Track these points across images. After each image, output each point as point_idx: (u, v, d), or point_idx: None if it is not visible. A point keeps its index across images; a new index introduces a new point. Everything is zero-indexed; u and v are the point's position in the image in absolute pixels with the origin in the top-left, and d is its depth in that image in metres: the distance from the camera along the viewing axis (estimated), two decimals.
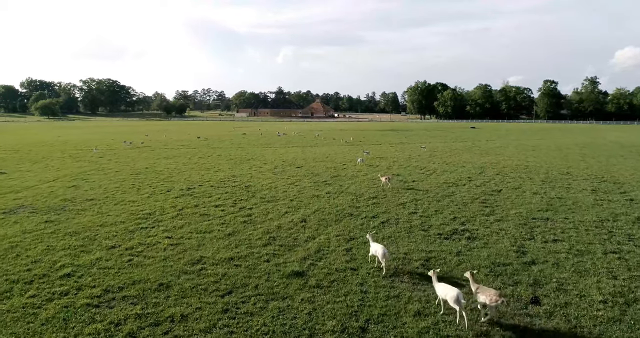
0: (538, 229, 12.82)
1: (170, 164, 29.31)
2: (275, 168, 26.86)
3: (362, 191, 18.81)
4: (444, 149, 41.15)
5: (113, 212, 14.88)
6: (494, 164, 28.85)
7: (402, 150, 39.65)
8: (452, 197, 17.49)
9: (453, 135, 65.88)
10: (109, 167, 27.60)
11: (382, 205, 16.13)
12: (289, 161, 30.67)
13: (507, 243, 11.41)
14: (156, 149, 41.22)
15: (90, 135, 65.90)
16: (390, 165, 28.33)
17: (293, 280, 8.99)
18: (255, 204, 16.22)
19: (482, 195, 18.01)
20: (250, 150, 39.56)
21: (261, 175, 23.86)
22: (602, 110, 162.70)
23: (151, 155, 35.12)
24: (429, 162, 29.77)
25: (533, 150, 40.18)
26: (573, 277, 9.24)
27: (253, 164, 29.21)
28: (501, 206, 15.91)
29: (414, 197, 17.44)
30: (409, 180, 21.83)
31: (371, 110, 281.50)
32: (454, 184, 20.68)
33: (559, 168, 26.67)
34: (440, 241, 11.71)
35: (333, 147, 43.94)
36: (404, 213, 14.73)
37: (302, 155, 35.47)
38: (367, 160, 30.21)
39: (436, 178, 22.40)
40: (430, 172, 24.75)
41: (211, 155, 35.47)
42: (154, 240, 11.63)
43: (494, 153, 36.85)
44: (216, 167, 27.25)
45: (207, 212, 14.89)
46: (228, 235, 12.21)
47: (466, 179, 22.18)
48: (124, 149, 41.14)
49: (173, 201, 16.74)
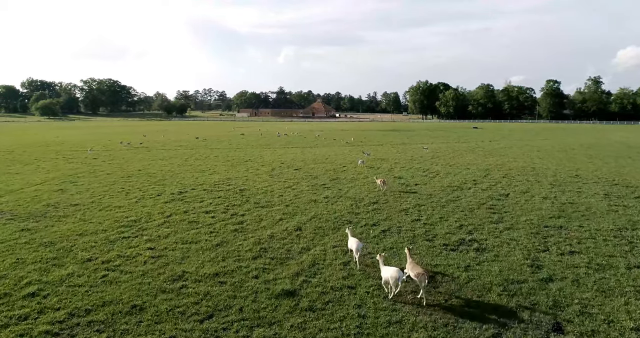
0: (552, 239, 11.83)
1: (165, 165, 28.39)
2: (273, 170, 25.91)
3: (362, 195, 17.84)
4: (447, 149, 40.17)
5: (96, 219, 13.94)
6: (499, 165, 27.85)
7: (403, 151, 38.68)
8: (458, 202, 16.51)
9: (455, 136, 64.87)
10: (101, 169, 26.69)
11: (383, 211, 15.16)
12: (287, 163, 29.73)
13: (519, 256, 10.43)
14: (153, 150, 40.32)
15: (88, 136, 65.06)
16: (391, 166, 27.36)
17: (283, 301, 8.03)
18: (249, 210, 15.26)
19: (489, 200, 17.03)
20: (248, 151, 38.63)
21: (257, 177, 22.92)
22: (605, 110, 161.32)
23: (147, 156, 34.21)
24: (431, 164, 28.79)
25: (538, 151, 39.16)
26: (597, 297, 8.25)
27: (250, 165, 28.27)
28: (510, 212, 14.92)
29: (417, 202, 16.46)
30: (411, 184, 20.86)
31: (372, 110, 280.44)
32: (458, 188, 19.70)
33: (567, 170, 25.66)
34: (446, 253, 10.73)
35: (333, 147, 42.99)
36: (406, 221, 13.75)
37: (302, 156, 34.52)
38: (367, 162, 29.24)
39: (440, 182, 21.42)
40: (434, 175, 23.77)
41: (208, 156, 34.55)
42: (135, 252, 10.68)
43: (499, 154, 35.85)
44: (212, 169, 26.31)
45: (196, 219, 13.94)
46: (216, 246, 11.25)
47: (471, 182, 21.20)
48: (120, 150, 40.25)
49: (162, 206, 15.79)
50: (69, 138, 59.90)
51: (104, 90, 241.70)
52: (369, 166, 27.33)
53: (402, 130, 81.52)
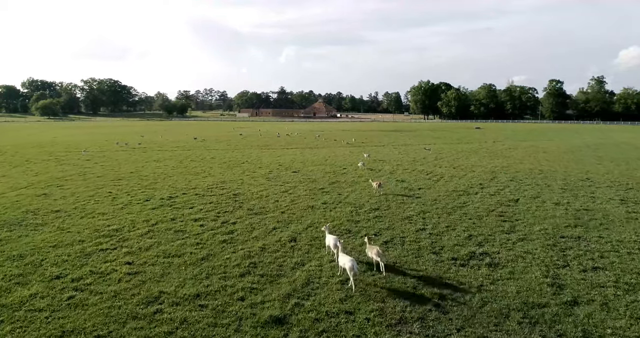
0: (571, 252, 10.76)
1: (158, 167, 27.38)
2: (270, 173, 24.87)
3: (363, 201, 16.79)
4: (450, 151, 39.09)
5: (75, 228, 12.91)
6: (506, 168, 26.77)
7: (406, 152, 37.61)
8: (465, 209, 15.45)
9: (458, 136, 63.78)
10: (92, 171, 25.68)
11: (385, 218, 14.10)
12: (285, 165, 28.69)
13: (537, 273, 9.36)
14: (148, 151, 39.34)
15: (86, 136, 64.13)
16: (393, 169, 26.30)
17: (270, 331, 6.96)
18: (241, 218, 14.22)
19: (498, 206, 15.96)
20: (246, 152, 37.60)
21: (253, 181, 21.88)
22: (608, 111, 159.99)
23: (141, 158, 33.21)
24: (435, 166, 27.72)
25: (544, 152, 38.06)
26: (633, 326, 7.17)
27: (247, 167, 27.23)
28: (522, 220, 13.85)
29: (421, 209, 15.40)
30: (414, 188, 19.80)
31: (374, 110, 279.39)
32: (465, 192, 18.63)
33: (576, 173, 24.57)
34: (455, 269, 9.67)
35: (334, 148, 41.94)
36: (410, 230, 12.69)
37: (301, 157, 33.48)
38: (368, 164, 28.18)
39: (444, 185, 20.35)
40: (438, 178, 22.70)
41: (204, 157, 33.53)
42: (110, 267, 9.64)
43: (503, 155, 34.76)
44: (206, 172, 25.28)
45: (183, 228, 12.90)
46: (201, 259, 10.20)
47: (478, 186, 20.13)
48: (116, 151, 39.28)
49: (148, 213, 14.76)
50: (66, 138, 58.99)
51: (104, 90, 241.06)
52: (369, 168, 26.28)
53: (404, 131, 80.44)
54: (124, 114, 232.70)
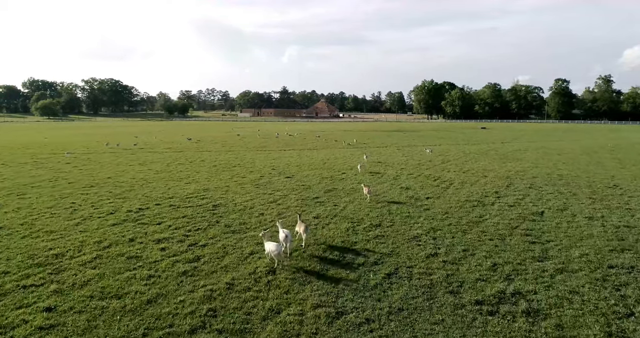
0: (630, 291, 8.30)
1: (141, 171, 25.04)
2: (261, 178, 22.48)
3: (362, 214, 14.36)
4: (457, 152, 36.58)
5: (7, 253, 10.52)
6: (521, 173, 24.27)
7: (410, 154, 35.13)
8: (483, 225, 13.00)
9: (464, 137, 61.21)
10: (66, 176, 23.35)
11: (387, 238, 11.67)
12: (280, 168, 26.30)
13: (596, 328, 6.90)
14: (138, 152, 37.04)
15: (79, 137, 61.97)
16: (397, 174, 23.85)
17: None
18: (214, 237, 11.82)
19: (520, 221, 13.52)
20: (240, 154, 35.23)
21: (240, 188, 19.48)
22: (616, 110, 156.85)
23: (127, 160, 30.90)
24: (443, 170, 25.26)
25: (559, 154, 35.50)
26: None
27: (237, 172, 24.85)
28: (554, 242, 11.39)
29: (431, 225, 12.96)
30: (421, 197, 17.35)
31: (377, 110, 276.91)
32: (479, 203, 16.17)
33: (600, 178, 22.07)
34: (482, 319, 7.23)
35: (333, 150, 39.52)
36: (419, 257, 10.26)
37: (298, 160, 31.09)
38: (371, 167, 25.75)
39: (455, 194, 17.90)
40: (447, 185, 20.25)
41: (194, 160, 31.18)
42: (20, 317, 7.23)
43: (515, 158, 32.25)
44: (191, 177, 22.92)
45: (139, 253, 10.50)
46: (146, 303, 7.80)
47: (493, 195, 17.67)
48: (103, 152, 37.00)
49: (105, 232, 12.37)
50: (57, 139, 56.84)
51: (105, 90, 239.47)
52: (371, 172, 23.82)
53: (407, 131, 77.93)
54: (125, 114, 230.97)
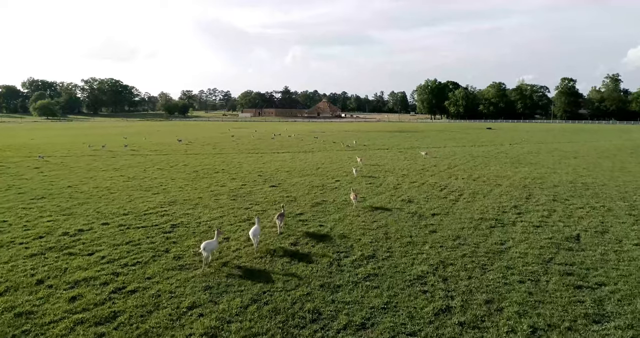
0: None
1: (110, 178, 22.29)
2: (242, 187, 19.68)
3: (352, 240, 11.50)
4: (464, 155, 33.66)
5: None
6: (539, 180, 21.36)
7: (413, 157, 32.21)
8: (506, 257, 10.11)
9: (470, 138, 58.26)
10: (22, 184, 20.58)
11: (382, 280, 8.79)
12: (267, 175, 23.49)
13: None
14: (118, 155, 34.32)
15: (67, 138, 59.33)
16: (398, 181, 20.98)
17: None
18: (151, 278, 8.97)
19: (553, 249, 10.64)
20: (229, 158, 32.44)
21: (213, 201, 16.66)
22: (624, 110, 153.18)
23: (102, 165, 28.15)
24: (449, 177, 22.38)
25: (575, 157, 32.55)
26: None
27: (217, 179, 22.04)
28: (607, 285, 8.50)
29: (439, 257, 10.08)
30: (426, 213, 14.47)
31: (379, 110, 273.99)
32: (497, 222, 13.28)
33: (633, 188, 19.13)
34: None
35: (331, 152, 36.68)
36: (425, 314, 7.37)
37: (290, 164, 28.27)
38: (369, 173, 22.89)
39: (467, 209, 15.01)
40: (456, 196, 17.36)
41: (176, 164, 28.40)
42: None
43: (529, 162, 29.31)
44: (163, 185, 20.13)
45: (35, 308, 7.61)
46: None
47: (512, 211, 14.78)
48: (81, 156, 34.29)
49: (12, 267, 9.48)
50: (44, 140, 54.23)
51: (105, 90, 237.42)
52: (367, 179, 20.93)
53: (410, 131, 74.99)
54: (125, 114, 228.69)
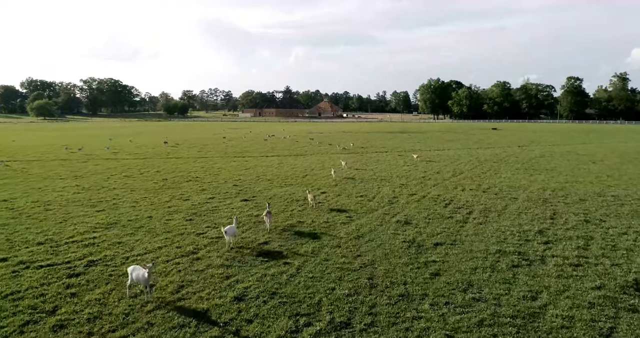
0: None
1: (59, 190, 19.22)
2: (208, 201, 16.54)
3: (322, 291, 8.32)
4: (470, 160, 30.35)
5: None
6: (560, 192, 18.10)
7: (413, 162, 28.88)
8: (543, 325, 6.91)
9: (475, 139, 54.82)
10: None
11: None
12: (244, 184, 20.36)
13: None
14: (90, 160, 31.24)
15: (51, 140, 56.30)
16: (395, 194, 17.76)
17: None
18: None
19: (610, 310, 7.48)
20: (209, 163, 29.27)
21: (163, 223, 13.51)
22: (633, 109, 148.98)
23: (65, 171, 25.08)
24: (455, 188, 19.16)
25: (593, 162, 29.23)
26: None
27: (183, 191, 18.88)
28: None
29: (445, 330, 6.86)
30: (426, 242, 11.28)
31: (382, 110, 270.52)
32: (521, 257, 10.07)
33: None
34: None
35: (324, 156, 33.48)
36: None
37: (275, 171, 25.12)
38: (362, 183, 19.66)
39: (478, 235, 11.80)
40: (463, 215, 14.15)
41: (146, 171, 25.28)
42: None
43: (544, 168, 26.03)
44: (114, 200, 17.00)
45: None
46: None
47: (537, 237, 11.57)
48: (51, 160, 31.26)
49: None
50: (25, 143, 51.27)
51: (104, 90, 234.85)
52: (359, 189, 17.67)
53: (412, 132, 71.62)
54: (124, 115, 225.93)
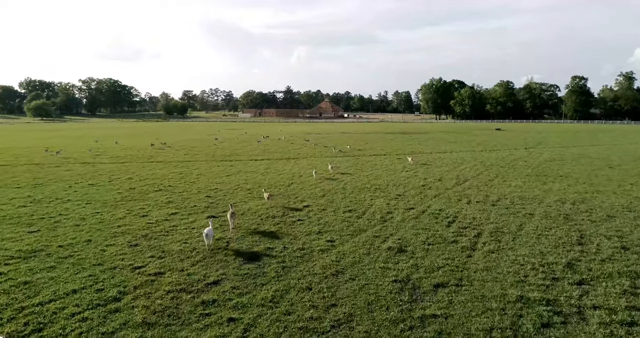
0: None
1: (5, 204, 16.72)
2: (168, 218, 14.02)
3: None
4: (475, 164, 27.72)
5: None
6: (581, 205, 15.49)
7: (413, 168, 26.27)
8: None
9: (479, 140, 52.09)
10: None
11: None
12: (218, 195, 17.85)
13: None
14: (63, 165, 28.80)
15: (37, 141, 54.15)
16: (389, 208, 15.19)
17: None
18: None
19: None
20: (190, 168, 26.76)
21: (99, 251, 10.99)
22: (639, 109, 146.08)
23: (24, 179, 22.59)
24: (459, 200, 16.57)
25: (610, 167, 26.59)
26: None
27: (145, 204, 16.37)
28: None
29: None
30: (425, 283, 8.73)
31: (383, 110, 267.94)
32: (551, 308, 7.50)
33: None
34: None
35: (317, 160, 30.91)
36: None
37: (259, 178, 22.61)
38: (353, 193, 17.06)
39: (490, 271, 9.23)
40: (470, 239, 11.57)
41: (118, 178, 22.79)
42: None
43: (557, 174, 23.41)
44: (54, 218, 14.48)
45: None
46: None
47: (567, 274, 9.01)
48: (22, 165, 28.79)
49: None
50: (9, 144, 49.03)
51: (103, 90, 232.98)
52: (348, 202, 15.08)
53: (413, 133, 68.96)
54: (123, 115, 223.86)
